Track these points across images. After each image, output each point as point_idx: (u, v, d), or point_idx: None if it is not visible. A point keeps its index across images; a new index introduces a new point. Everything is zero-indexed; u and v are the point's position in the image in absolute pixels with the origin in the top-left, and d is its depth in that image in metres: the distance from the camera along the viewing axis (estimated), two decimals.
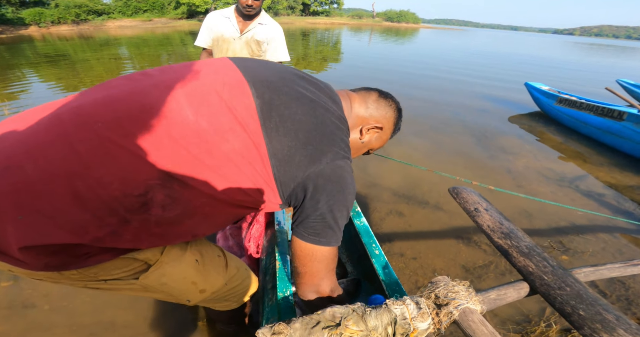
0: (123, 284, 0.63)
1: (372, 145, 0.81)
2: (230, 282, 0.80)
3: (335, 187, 0.62)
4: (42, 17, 18.98)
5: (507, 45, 24.40)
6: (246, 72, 0.63)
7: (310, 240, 0.63)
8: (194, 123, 0.54)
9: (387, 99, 0.79)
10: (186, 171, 0.53)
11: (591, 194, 2.42)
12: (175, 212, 0.55)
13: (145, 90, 0.56)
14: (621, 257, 1.75)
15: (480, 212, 0.96)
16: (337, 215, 0.63)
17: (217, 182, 0.56)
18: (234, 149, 0.56)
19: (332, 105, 0.68)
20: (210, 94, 0.57)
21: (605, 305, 0.70)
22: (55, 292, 1.33)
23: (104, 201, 0.49)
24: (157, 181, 0.51)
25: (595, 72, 10.15)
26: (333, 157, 0.62)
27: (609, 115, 3.33)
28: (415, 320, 0.60)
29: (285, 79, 0.65)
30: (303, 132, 0.60)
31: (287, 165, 0.59)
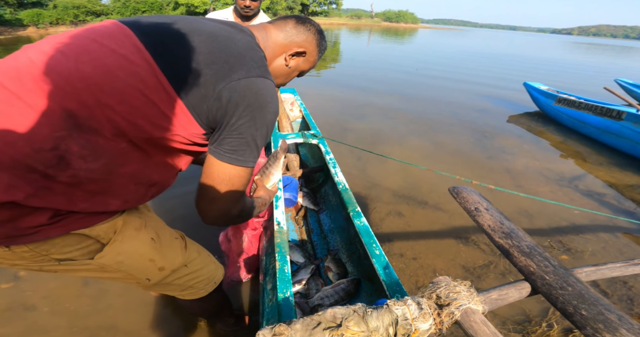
0: (79, 264, 0.63)
1: (301, 68, 0.82)
2: (190, 265, 0.79)
3: (253, 103, 0.60)
4: (40, 18, 18.94)
5: (506, 45, 24.46)
6: (128, 21, 0.62)
7: (227, 158, 0.61)
8: (75, 70, 0.53)
9: (306, 23, 0.78)
10: (86, 116, 0.53)
11: (591, 193, 2.42)
12: (101, 162, 0.55)
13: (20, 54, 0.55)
14: (622, 256, 1.75)
15: (481, 211, 0.96)
16: (256, 133, 0.61)
17: (122, 121, 0.55)
18: (128, 83, 0.54)
19: (238, 33, 0.66)
20: (88, 44, 0.56)
21: (607, 305, 0.70)
22: (55, 294, 1.33)
23: (15, 159, 0.49)
24: (62, 132, 0.51)
25: (594, 72, 10.18)
26: (245, 74, 0.60)
27: (608, 115, 3.33)
28: (417, 320, 0.60)
29: (178, 19, 0.64)
30: (203, 55, 0.58)
31: (193, 87, 0.57)
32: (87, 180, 0.54)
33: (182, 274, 0.78)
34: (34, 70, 0.52)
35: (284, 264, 0.93)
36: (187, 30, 0.61)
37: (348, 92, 5.14)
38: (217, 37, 0.62)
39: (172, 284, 0.79)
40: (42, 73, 0.52)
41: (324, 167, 1.89)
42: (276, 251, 0.98)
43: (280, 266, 0.91)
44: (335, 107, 4.31)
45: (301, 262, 1.31)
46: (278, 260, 0.94)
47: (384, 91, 5.38)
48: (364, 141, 3.18)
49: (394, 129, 3.61)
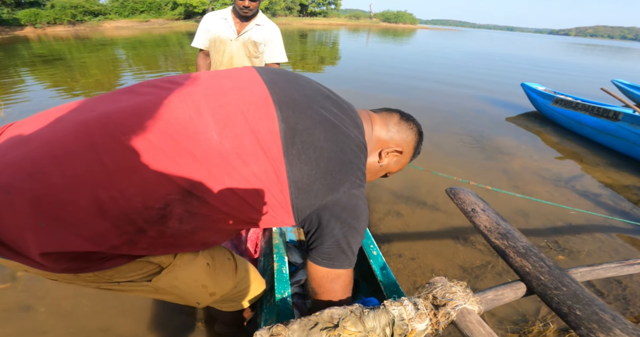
0: (136, 285, 0.64)
1: (390, 169, 0.80)
2: (239, 285, 0.81)
3: (351, 215, 0.63)
4: (37, 17, 18.87)
5: (504, 45, 24.55)
6: (273, 90, 0.62)
7: (324, 264, 0.66)
8: (217, 144, 0.54)
9: (409, 121, 0.77)
10: (205, 189, 0.54)
11: (587, 193, 2.44)
12: (190, 226, 0.56)
13: (172, 104, 0.56)
14: (617, 256, 1.76)
15: (478, 212, 0.97)
16: (351, 241, 0.65)
17: (234, 202, 0.57)
18: (254, 173, 0.56)
19: (354, 130, 0.67)
20: (235, 114, 0.57)
21: (601, 305, 0.71)
22: (52, 295, 1.32)
23: (125, 212, 0.50)
24: (177, 196, 0.52)
25: (591, 73, 10.23)
26: (350, 187, 0.63)
27: (605, 116, 3.36)
28: (413, 321, 0.60)
29: (310, 98, 0.64)
30: (324, 160, 0.60)
31: (306, 194, 0.60)
32: (170, 236, 0.56)
33: (229, 295, 0.80)
34: (181, 131, 0.53)
35: (282, 265, 0.93)
36: (319, 120, 0.61)
37: (347, 91, 5.15)
38: (337, 136, 0.62)
39: (217, 302, 0.81)
40: (188, 137, 0.53)
41: None
42: (274, 252, 0.98)
43: (278, 267, 0.92)
44: None
45: (300, 263, 1.32)
46: (276, 261, 0.94)
47: (382, 91, 5.40)
48: None
49: None
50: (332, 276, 0.67)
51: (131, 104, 0.55)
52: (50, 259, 0.49)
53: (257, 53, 1.88)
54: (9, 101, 4.03)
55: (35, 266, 0.51)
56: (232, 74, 0.66)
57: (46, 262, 0.49)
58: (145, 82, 0.63)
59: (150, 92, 0.59)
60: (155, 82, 0.62)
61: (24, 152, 0.48)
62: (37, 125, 0.53)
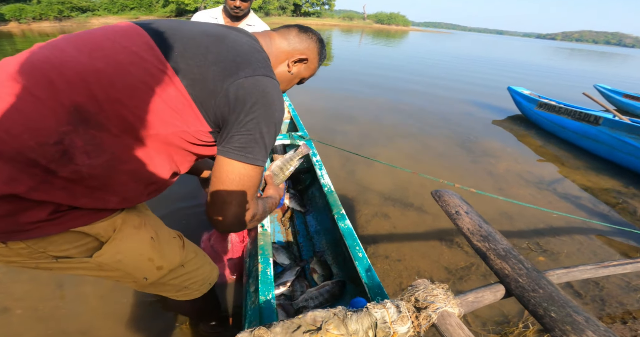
0: (76, 262, 0.62)
1: (302, 75, 0.85)
2: (187, 265, 0.80)
3: (259, 101, 0.61)
4: (22, 13, 18.35)
5: (493, 49, 25.04)
6: (142, 23, 0.64)
7: (236, 155, 0.61)
8: (88, 65, 0.54)
9: (307, 32, 0.83)
10: (93, 109, 0.53)
11: (568, 196, 2.51)
12: (103, 159, 0.55)
13: (36, 51, 0.56)
14: (595, 258, 1.82)
15: (461, 215, 0.99)
16: (264, 130, 0.62)
17: (131, 116, 0.55)
18: (139, 78, 0.56)
19: (244, 37, 0.69)
20: (102, 41, 0.58)
21: (575, 307, 0.74)
22: (30, 296, 1.29)
23: (19, 151, 0.49)
24: (68, 126, 0.51)
25: (575, 77, 10.53)
26: (252, 72, 0.62)
27: (586, 120, 3.46)
28: (395, 323, 0.61)
29: (189, 23, 0.67)
30: (211, 54, 0.61)
31: (202, 83, 0.59)
32: (88, 176, 0.54)
33: (178, 274, 0.78)
34: (47, 65, 0.53)
35: (266, 266, 0.93)
36: (197, 32, 0.64)
37: (337, 94, 5.17)
38: (224, 39, 0.65)
39: (168, 284, 0.79)
40: (55, 67, 0.53)
41: (311, 168, 1.90)
42: (259, 253, 0.99)
43: (262, 269, 0.92)
44: (324, 108, 4.33)
45: (286, 264, 1.32)
46: (261, 262, 0.95)
47: (372, 94, 5.44)
48: (352, 143, 3.21)
49: (381, 132, 3.65)
50: (243, 171, 0.62)
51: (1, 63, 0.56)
52: None
53: None
54: None
55: None
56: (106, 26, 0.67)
57: None
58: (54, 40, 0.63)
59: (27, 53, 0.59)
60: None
61: None
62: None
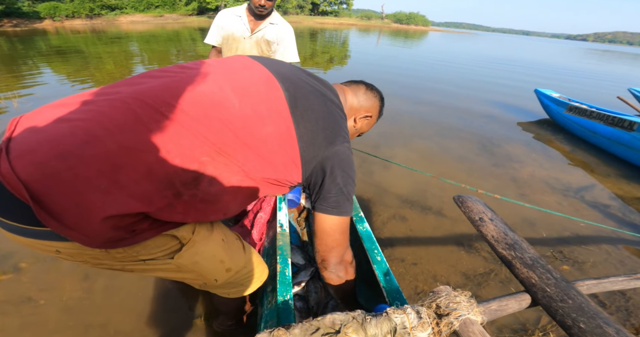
0: (159, 264, 0.66)
1: (362, 131, 0.96)
2: (248, 265, 0.85)
3: (346, 165, 0.74)
4: (57, 11, 19.24)
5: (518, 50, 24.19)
6: (270, 69, 0.73)
7: (335, 212, 0.74)
8: (239, 110, 0.62)
9: (373, 91, 0.93)
10: (231, 150, 0.61)
11: (596, 205, 2.39)
12: (216, 188, 0.62)
13: (195, 80, 0.64)
14: (623, 269, 1.73)
15: (485, 222, 0.96)
16: (350, 189, 0.75)
17: (253, 161, 0.64)
18: (270, 132, 0.65)
19: (334, 98, 0.79)
20: (249, 86, 0.67)
21: (606, 318, 0.70)
22: (53, 287, 1.34)
23: (168, 173, 0.55)
24: (208, 157, 0.59)
25: (608, 80, 10.01)
26: (342, 141, 0.74)
27: (620, 125, 3.28)
28: (416, 329, 0.60)
29: (297, 74, 0.76)
30: (320, 119, 0.71)
31: (311, 146, 0.69)
32: (200, 200, 0.61)
33: (241, 274, 0.83)
34: (209, 102, 0.61)
35: (285, 266, 0.93)
36: (309, 91, 0.73)
37: None
38: (325, 101, 0.74)
39: (229, 284, 0.83)
40: (215, 106, 0.61)
41: None
42: (278, 253, 0.99)
43: (281, 269, 0.92)
44: None
45: (301, 264, 1.32)
46: (279, 262, 0.95)
47: (391, 94, 5.36)
48: (369, 144, 3.17)
49: (400, 133, 3.60)
50: (341, 223, 0.75)
51: (158, 84, 0.62)
52: (106, 225, 0.51)
53: (270, 52, 1.88)
54: (23, 90, 4.12)
55: (79, 239, 0.52)
56: (235, 59, 0.77)
57: (100, 229, 0.51)
58: (156, 70, 0.69)
59: (167, 75, 0.66)
60: (166, 68, 0.70)
61: (71, 126, 0.52)
62: (64, 109, 0.55)
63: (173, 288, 1.37)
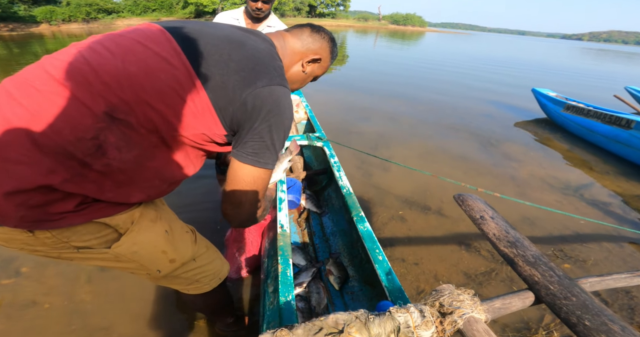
0: (95, 253, 0.65)
1: (315, 74, 0.89)
2: (199, 259, 0.82)
3: (273, 110, 0.66)
4: (53, 15, 19.24)
5: (515, 50, 24.31)
6: (167, 25, 0.68)
7: (250, 160, 0.67)
8: (122, 69, 0.58)
9: (320, 32, 0.85)
10: (126, 111, 0.58)
11: (596, 202, 2.40)
12: (132, 154, 0.59)
13: (74, 52, 0.61)
14: (625, 266, 1.73)
15: (486, 220, 0.96)
16: (275, 136, 0.67)
17: (157, 117, 0.60)
18: (166, 83, 0.60)
19: (262, 43, 0.72)
20: (133, 45, 0.62)
21: (611, 316, 0.70)
22: (56, 291, 1.34)
23: (60, 145, 0.54)
24: (103, 123, 0.56)
25: (604, 79, 10.07)
26: (268, 82, 0.66)
27: (617, 124, 3.30)
28: (419, 328, 0.59)
29: (212, 26, 0.71)
30: (232, 62, 0.64)
31: (222, 91, 0.63)
32: (117, 170, 0.59)
33: (190, 268, 0.81)
34: (86, 67, 0.58)
35: (286, 267, 0.93)
36: (220, 37, 0.67)
37: (353, 94, 5.15)
38: (244, 45, 0.68)
39: (180, 277, 0.81)
40: (93, 69, 0.58)
41: (328, 169, 1.89)
42: (279, 254, 0.98)
43: (282, 269, 0.92)
44: (340, 109, 4.32)
45: (302, 265, 1.31)
46: (280, 263, 0.94)
47: (389, 94, 5.38)
48: (368, 144, 3.17)
49: (399, 133, 3.60)
50: (255, 175, 0.68)
51: (37, 64, 0.60)
52: (11, 203, 0.52)
53: None
54: None
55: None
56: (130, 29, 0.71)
57: (6, 207, 0.52)
58: None
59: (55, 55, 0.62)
60: None
61: None
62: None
63: (174, 290, 1.36)
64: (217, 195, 2.05)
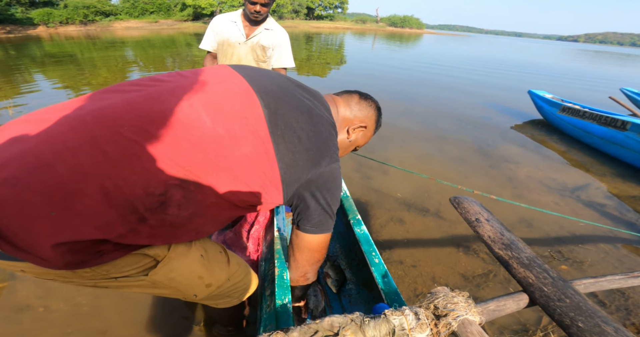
0: (132, 280, 0.64)
1: (358, 143, 0.90)
2: (232, 278, 0.82)
3: (332, 186, 0.72)
4: (50, 17, 19.21)
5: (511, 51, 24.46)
6: (251, 82, 0.68)
7: (318, 231, 0.75)
8: (211, 129, 0.58)
9: (367, 100, 0.87)
10: (202, 172, 0.57)
11: (593, 204, 2.41)
12: (188, 212, 0.59)
13: (163, 96, 0.59)
14: (621, 267, 1.74)
15: (482, 222, 0.96)
16: (333, 207, 0.75)
17: (228, 184, 0.61)
18: (246, 154, 0.61)
19: (324, 111, 0.75)
20: (224, 103, 0.62)
21: (604, 317, 0.70)
22: (51, 295, 1.33)
23: (128, 199, 0.52)
24: (176, 181, 0.55)
25: (600, 81, 10.14)
26: (329, 161, 0.71)
27: (612, 125, 3.32)
28: (414, 331, 0.60)
29: (284, 87, 0.71)
30: (304, 139, 0.67)
31: (293, 168, 0.66)
32: (169, 224, 0.58)
33: (224, 288, 0.81)
34: (176, 121, 0.56)
35: (283, 270, 0.93)
36: (294, 106, 0.68)
37: None
38: (312, 118, 0.70)
39: (213, 297, 0.81)
40: (183, 125, 0.56)
41: None
42: (275, 257, 0.99)
43: (279, 273, 0.92)
44: None
45: None
46: (277, 266, 0.95)
47: (387, 96, 5.40)
48: (366, 147, 3.18)
49: (396, 135, 3.61)
50: (325, 240, 0.77)
51: (121, 100, 0.58)
52: (59, 252, 0.49)
53: (265, 57, 1.89)
54: (17, 97, 4.10)
55: (39, 262, 0.51)
56: (212, 70, 0.71)
57: (54, 255, 0.50)
58: (128, 82, 0.65)
59: (136, 89, 0.62)
60: (138, 81, 0.66)
61: (23, 149, 0.50)
62: (24, 127, 0.54)
63: None
64: None
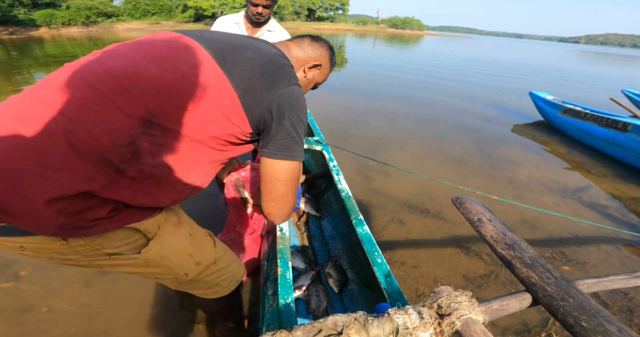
0: (126, 259, 0.67)
1: (317, 80, 0.94)
2: (218, 262, 0.84)
3: (295, 107, 0.72)
4: (53, 18, 19.31)
5: (512, 53, 24.48)
6: (191, 34, 0.72)
7: (284, 156, 0.72)
8: (159, 76, 0.61)
9: (319, 41, 0.91)
10: (162, 117, 0.60)
11: (594, 205, 2.41)
12: (162, 158, 0.62)
13: (102, 60, 0.63)
14: (623, 268, 1.74)
15: (484, 222, 0.96)
16: (299, 131, 0.73)
17: (192, 122, 0.63)
18: (201, 90, 0.63)
19: (274, 49, 0.79)
20: (166, 52, 0.65)
21: (607, 317, 0.70)
22: (55, 294, 1.33)
23: (99, 152, 0.55)
24: (139, 129, 0.58)
25: (601, 82, 10.13)
26: (287, 83, 0.72)
27: (613, 127, 3.32)
28: (418, 330, 0.60)
29: (227, 35, 0.76)
30: (256, 66, 0.70)
31: (251, 93, 0.68)
32: (149, 175, 0.61)
33: (212, 271, 0.83)
34: (121, 74, 0.60)
35: (285, 270, 0.93)
36: (239, 44, 0.73)
37: (352, 98, 5.17)
38: (261, 51, 0.74)
39: (202, 281, 0.83)
40: (128, 76, 0.60)
41: (327, 173, 1.90)
42: (278, 257, 0.99)
43: (281, 272, 0.92)
44: (339, 112, 4.34)
45: (302, 268, 1.32)
46: (280, 266, 0.95)
47: (388, 97, 5.41)
48: (367, 147, 3.19)
49: (397, 136, 3.62)
50: (291, 167, 0.73)
51: (70, 72, 0.61)
52: (52, 209, 0.52)
53: None
54: None
55: (33, 227, 0.54)
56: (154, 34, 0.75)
57: (47, 213, 0.52)
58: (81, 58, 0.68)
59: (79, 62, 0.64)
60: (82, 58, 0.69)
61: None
62: None
63: (174, 293, 1.36)
64: (215, 199, 2.05)
